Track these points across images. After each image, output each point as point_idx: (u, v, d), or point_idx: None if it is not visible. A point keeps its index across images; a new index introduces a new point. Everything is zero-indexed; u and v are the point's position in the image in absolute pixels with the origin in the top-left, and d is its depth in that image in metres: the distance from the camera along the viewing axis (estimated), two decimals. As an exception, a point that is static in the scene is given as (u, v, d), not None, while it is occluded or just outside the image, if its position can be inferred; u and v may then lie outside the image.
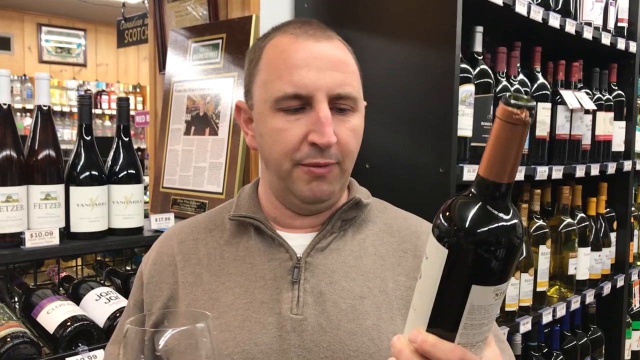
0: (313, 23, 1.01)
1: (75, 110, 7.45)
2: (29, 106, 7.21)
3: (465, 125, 1.62)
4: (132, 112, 1.79)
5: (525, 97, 0.57)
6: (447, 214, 0.64)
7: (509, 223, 0.61)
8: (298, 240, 1.02)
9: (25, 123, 6.99)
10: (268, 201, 1.06)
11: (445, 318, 0.64)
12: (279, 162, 0.97)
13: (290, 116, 0.95)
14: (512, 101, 0.56)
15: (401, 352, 0.67)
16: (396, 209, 1.15)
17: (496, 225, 0.61)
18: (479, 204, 0.61)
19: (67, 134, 7.46)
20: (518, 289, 1.90)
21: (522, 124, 0.56)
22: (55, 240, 1.46)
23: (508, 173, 0.60)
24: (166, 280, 1.03)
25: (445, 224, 0.63)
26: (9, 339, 1.25)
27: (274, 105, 0.95)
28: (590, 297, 2.27)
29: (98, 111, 7.82)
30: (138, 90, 8.52)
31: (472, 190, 0.63)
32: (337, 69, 0.95)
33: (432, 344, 0.64)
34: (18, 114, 7.11)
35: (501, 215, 0.61)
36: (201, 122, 1.91)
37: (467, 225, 0.61)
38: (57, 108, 7.47)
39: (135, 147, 1.71)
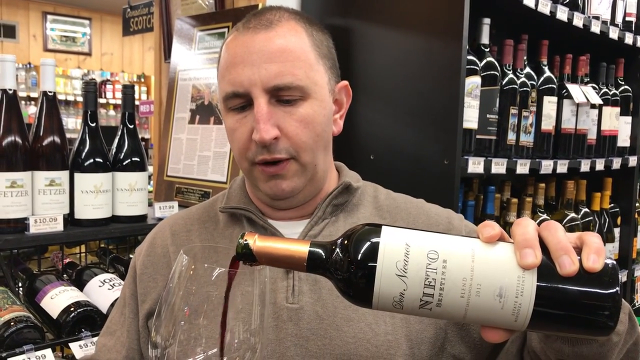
0: (264, 13, 0.97)
1: (79, 99, 7.46)
2: (34, 94, 7.21)
3: (470, 117, 1.62)
4: (136, 102, 1.79)
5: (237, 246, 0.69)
6: (361, 246, 0.67)
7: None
8: (290, 229, 1.01)
9: (30, 111, 6.98)
10: (252, 193, 1.06)
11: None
12: (239, 161, 0.98)
13: (238, 115, 0.94)
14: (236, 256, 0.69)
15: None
16: (387, 190, 1.13)
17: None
18: (334, 247, 0.69)
19: (71, 122, 7.46)
20: (521, 283, 1.90)
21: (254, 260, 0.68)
22: (59, 226, 1.47)
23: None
24: (161, 272, 1.03)
25: (369, 249, 0.66)
26: (12, 323, 1.26)
27: (224, 105, 0.96)
28: (592, 292, 2.26)
29: (102, 100, 7.82)
30: (142, 80, 8.52)
31: (325, 254, 0.69)
32: (273, 60, 0.91)
33: None
34: (23, 102, 7.12)
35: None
36: (206, 111, 1.91)
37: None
38: (61, 97, 7.47)
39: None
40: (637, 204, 2.62)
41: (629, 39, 2.30)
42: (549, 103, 1.99)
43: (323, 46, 0.99)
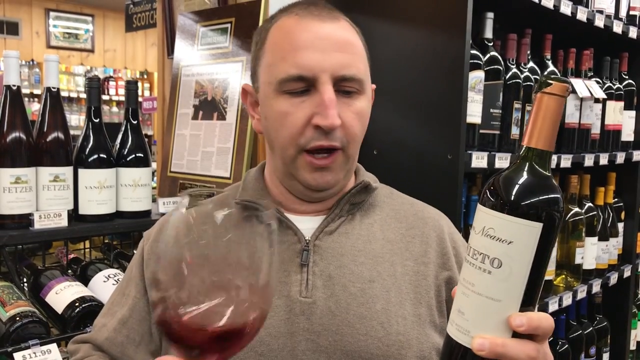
0: (319, 4, 0.99)
1: (82, 96, 7.47)
2: (37, 91, 7.22)
3: (474, 112, 1.61)
4: (139, 99, 1.79)
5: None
6: (529, 191, 0.66)
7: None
8: (306, 224, 1.01)
9: (33, 108, 6.99)
10: (273, 185, 1.05)
11: (535, 292, 0.67)
12: (284, 147, 0.96)
13: (295, 99, 0.93)
14: (563, 77, 0.65)
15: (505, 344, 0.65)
16: (402, 194, 1.15)
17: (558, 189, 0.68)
18: (544, 173, 0.67)
19: (74, 119, 7.46)
20: (524, 277, 1.90)
21: (567, 96, 0.67)
22: (63, 222, 1.47)
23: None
24: None
25: (534, 200, 0.65)
26: (18, 318, 1.26)
27: (278, 87, 0.94)
28: (596, 286, 2.26)
29: (105, 97, 7.82)
30: (145, 76, 8.51)
31: (529, 163, 0.67)
32: (342, 50, 0.93)
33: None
34: (26, 99, 7.12)
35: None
36: (209, 106, 1.91)
37: (556, 195, 0.66)
38: (64, 94, 7.46)
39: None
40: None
41: (633, 33, 2.29)
42: (553, 97, 1.98)
43: (366, 48, 1.02)
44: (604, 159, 2.22)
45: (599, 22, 2.07)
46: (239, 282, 0.61)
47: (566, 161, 1.99)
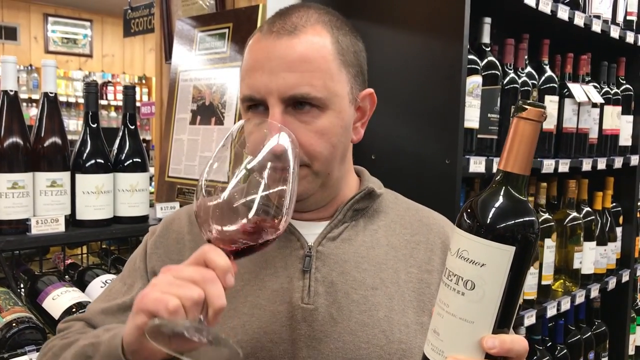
0: (290, 15, 0.95)
1: (80, 100, 7.47)
2: (35, 96, 7.22)
3: (472, 117, 1.61)
4: (137, 104, 1.79)
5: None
6: (501, 215, 0.67)
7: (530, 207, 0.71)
8: (309, 229, 1.01)
9: (31, 113, 6.99)
10: None
11: (509, 315, 0.67)
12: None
13: (256, 119, 0.94)
14: (538, 103, 0.66)
15: None
16: (407, 199, 1.14)
17: (532, 212, 0.69)
18: (519, 197, 0.68)
19: (72, 124, 7.47)
20: (523, 282, 1.89)
21: (543, 120, 0.68)
22: (60, 227, 1.47)
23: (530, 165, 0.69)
24: (172, 257, 1.02)
25: (505, 224, 0.66)
26: (14, 324, 1.26)
27: (243, 105, 0.96)
28: (595, 291, 2.26)
29: (103, 102, 7.83)
30: (144, 81, 8.52)
31: (504, 187, 0.68)
32: (292, 69, 0.90)
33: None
34: (24, 104, 7.12)
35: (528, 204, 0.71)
36: (207, 111, 1.91)
37: (530, 218, 0.67)
38: (62, 99, 7.48)
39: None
40: (639, 203, 2.62)
41: (630, 38, 2.30)
42: (551, 102, 1.99)
43: (349, 52, 0.97)
44: (601, 164, 2.22)
45: (596, 27, 2.07)
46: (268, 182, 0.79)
47: (564, 166, 1.99)
